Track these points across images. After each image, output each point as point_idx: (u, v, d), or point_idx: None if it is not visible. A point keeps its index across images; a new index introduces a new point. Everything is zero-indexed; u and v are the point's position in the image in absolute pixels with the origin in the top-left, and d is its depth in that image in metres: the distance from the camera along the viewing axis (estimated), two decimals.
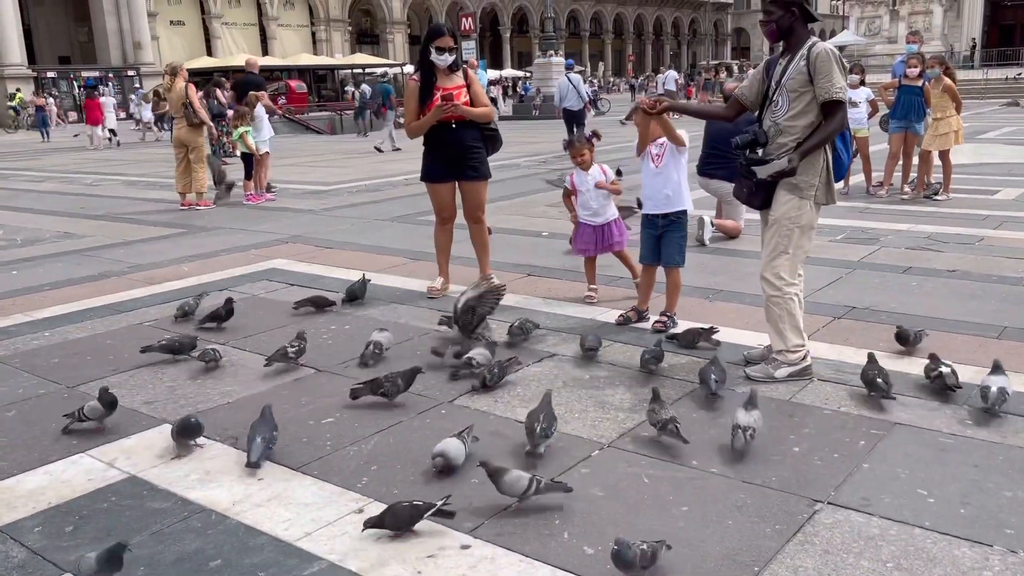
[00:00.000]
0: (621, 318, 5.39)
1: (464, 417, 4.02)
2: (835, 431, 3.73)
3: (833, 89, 4.05)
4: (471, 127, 5.97)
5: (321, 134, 30.22)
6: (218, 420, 4.06)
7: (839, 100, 4.06)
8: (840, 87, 4.06)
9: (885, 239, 7.82)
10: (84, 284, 7.01)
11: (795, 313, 4.28)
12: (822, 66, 4.04)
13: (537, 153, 17.46)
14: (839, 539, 2.88)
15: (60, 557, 2.90)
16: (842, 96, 4.07)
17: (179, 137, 11.20)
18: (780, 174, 4.12)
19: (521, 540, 2.94)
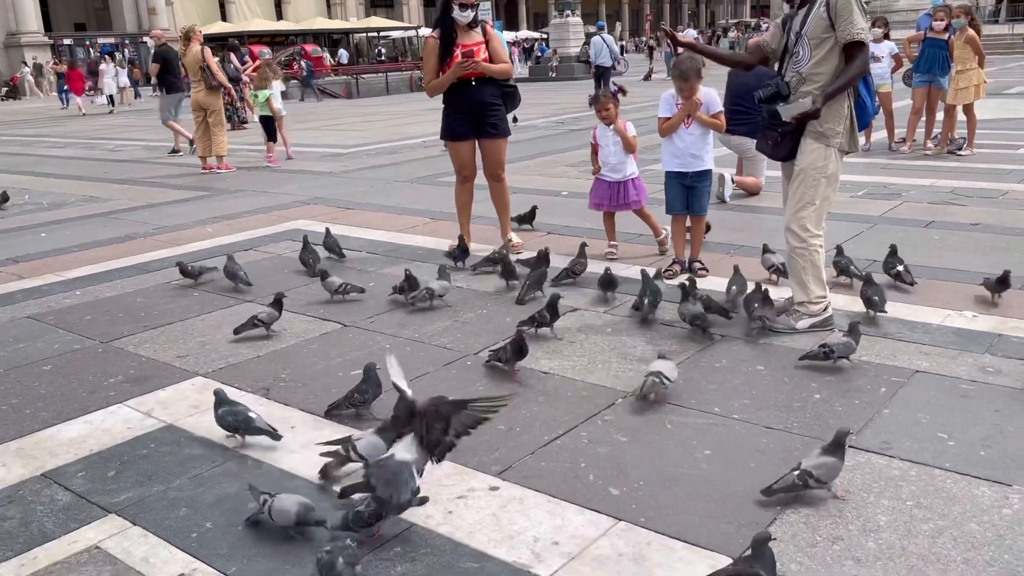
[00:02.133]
0: (669, 273, 5.38)
1: (488, 368, 4.09)
2: (856, 379, 3.78)
3: (855, 30, 4.03)
4: (490, 84, 5.96)
5: (337, 98, 30.13)
6: (249, 373, 4.16)
7: (861, 41, 4.05)
8: (862, 28, 4.04)
9: (907, 194, 7.77)
10: (111, 245, 7.13)
11: (819, 264, 4.30)
12: (843, 9, 4.02)
13: (555, 114, 17.35)
14: (860, 480, 2.94)
15: (104, 499, 3.02)
16: (864, 37, 4.06)
17: (197, 100, 11.23)
18: (804, 116, 4.11)
19: (548, 482, 3.02)
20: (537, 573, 2.51)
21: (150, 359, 4.40)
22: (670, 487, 2.96)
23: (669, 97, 5.50)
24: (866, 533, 2.63)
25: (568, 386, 3.86)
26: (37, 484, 3.15)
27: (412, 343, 4.49)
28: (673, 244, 5.75)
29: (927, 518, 2.69)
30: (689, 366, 4.01)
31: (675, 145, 5.47)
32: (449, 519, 2.81)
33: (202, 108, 11.22)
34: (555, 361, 4.15)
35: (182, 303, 5.36)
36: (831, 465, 2.81)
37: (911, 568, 2.45)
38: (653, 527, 2.71)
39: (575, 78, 29.51)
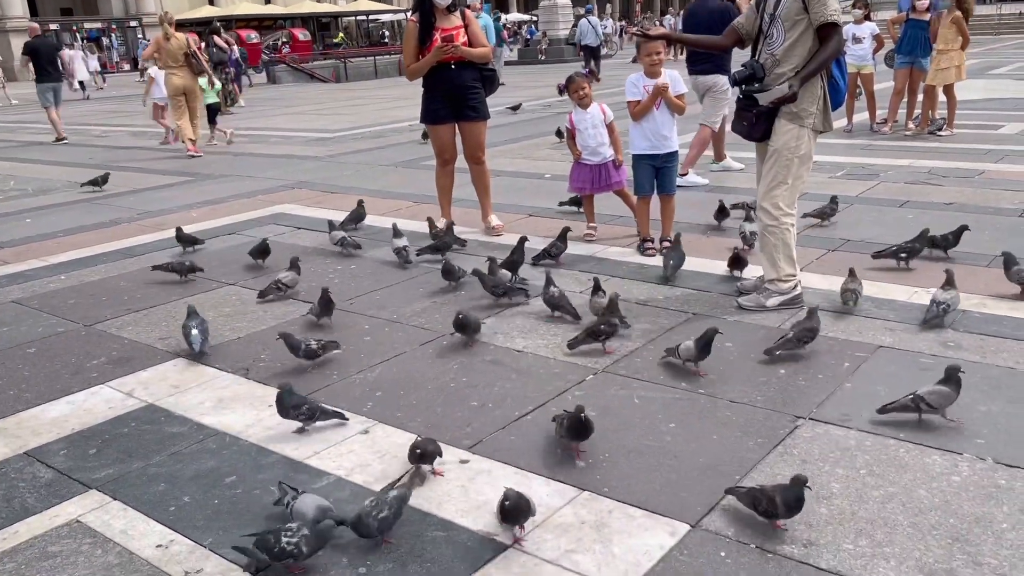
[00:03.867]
0: (652, 251, 5.52)
1: (463, 347, 4.18)
2: (821, 355, 3.88)
3: (827, 12, 4.10)
4: (470, 68, 6.02)
5: (326, 82, 30.03)
6: (230, 353, 4.24)
7: (834, 23, 4.12)
8: (834, 10, 4.12)
9: (885, 174, 7.86)
10: (96, 230, 7.18)
11: (789, 243, 4.39)
12: None
13: (541, 97, 17.37)
14: (817, 450, 3.04)
15: (85, 476, 3.10)
16: (836, 19, 4.13)
17: (182, 85, 11.32)
18: (781, 100, 4.19)
19: (516, 455, 3.11)
20: (502, 540, 2.60)
21: (132, 341, 4.48)
22: (634, 459, 3.05)
23: (636, 79, 5.56)
24: (819, 500, 2.73)
25: (541, 364, 3.95)
26: (20, 462, 3.23)
27: (390, 323, 4.58)
28: (640, 224, 5.83)
29: (878, 485, 2.80)
30: (660, 343, 4.10)
31: (645, 127, 5.54)
32: (419, 491, 2.90)
33: (184, 92, 11.34)
34: (529, 340, 4.24)
35: (165, 287, 5.43)
36: (944, 394, 3.14)
37: (859, 531, 2.56)
38: (615, 496, 2.81)
39: (564, 60, 29.50)
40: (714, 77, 7.82)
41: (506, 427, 3.34)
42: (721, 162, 8.52)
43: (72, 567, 2.57)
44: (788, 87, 4.20)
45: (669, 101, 5.44)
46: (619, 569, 2.44)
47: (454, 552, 2.56)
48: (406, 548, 2.59)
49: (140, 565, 2.57)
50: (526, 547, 2.56)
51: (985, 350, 3.83)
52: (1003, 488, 2.74)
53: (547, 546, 2.57)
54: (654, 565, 2.46)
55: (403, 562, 2.53)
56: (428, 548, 2.59)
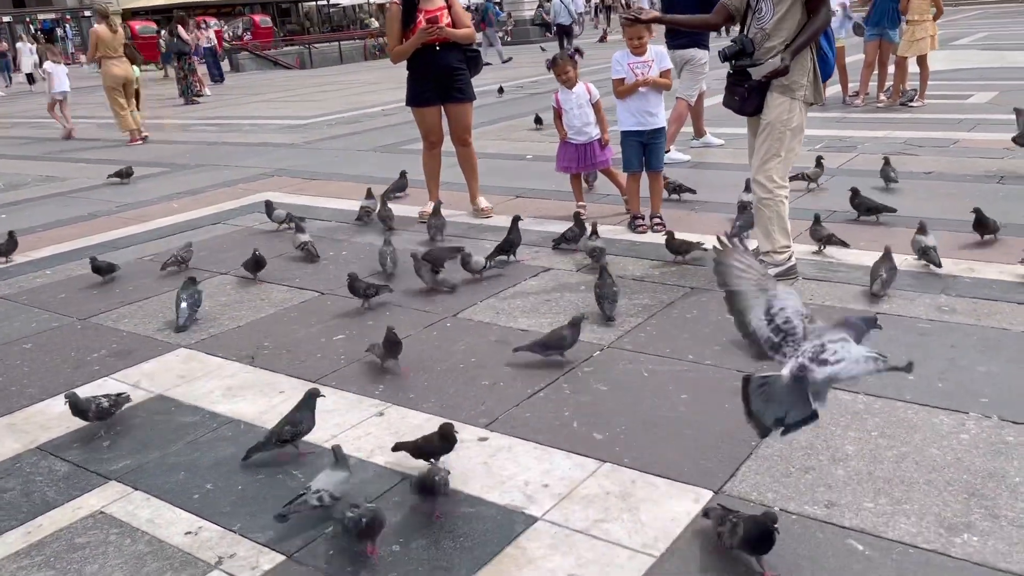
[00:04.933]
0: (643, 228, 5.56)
1: (468, 328, 4.21)
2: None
3: None
4: (454, 49, 6.00)
5: (290, 69, 29.64)
6: (232, 342, 4.22)
7: None
8: None
9: (863, 146, 7.98)
10: (76, 224, 7.06)
11: (784, 215, 4.46)
12: None
13: (514, 79, 17.32)
14: (828, 415, 3.11)
15: (102, 468, 3.08)
16: None
17: (122, 75, 11.62)
18: (774, 73, 4.24)
19: (534, 431, 3.15)
20: (531, 513, 2.64)
21: (131, 333, 4.44)
22: (650, 430, 3.11)
23: (621, 57, 5.58)
24: (835, 462, 2.81)
25: None
26: (33, 457, 3.20)
27: (391, 307, 4.58)
28: (630, 201, 5.88)
29: (891, 446, 2.88)
30: (661, 317, 4.16)
31: (631, 104, 5.57)
32: None
33: (125, 83, 11.72)
34: (533, 319, 4.27)
35: (157, 278, 5.36)
36: None
37: (878, 491, 2.63)
38: (637, 466, 2.86)
39: (530, 41, 29.41)
40: (692, 51, 7.85)
41: (520, 404, 3.37)
42: (701, 138, 8.59)
43: (103, 557, 2.57)
44: (780, 60, 4.25)
45: (655, 84, 5.47)
46: (649, 536, 2.50)
47: (485, 526, 2.60)
48: (437, 525, 2.62)
49: (172, 552, 2.57)
50: (555, 518, 2.61)
51: (979, 313, 3.93)
52: (1011, 444, 2.83)
53: (575, 517, 2.61)
54: (683, 531, 2.51)
55: (436, 538, 2.56)
56: (459, 524, 2.62)
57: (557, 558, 2.43)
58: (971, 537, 2.38)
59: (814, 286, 4.44)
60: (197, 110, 16.70)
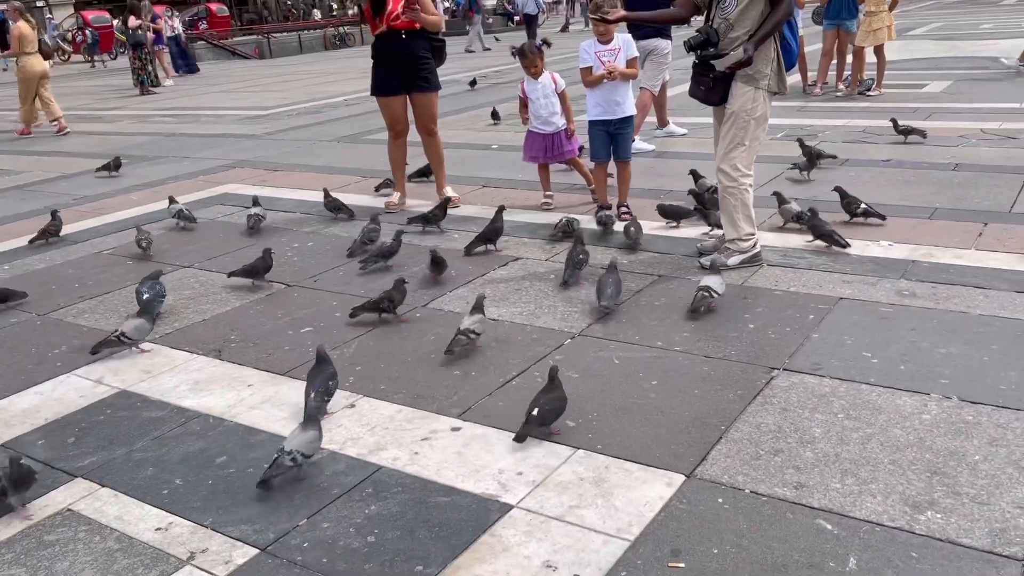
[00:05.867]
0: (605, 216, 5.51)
1: (438, 319, 4.20)
2: (786, 308, 4.02)
3: None
4: (421, 38, 5.96)
5: (248, 59, 29.21)
6: (198, 336, 4.17)
7: None
8: None
9: (823, 134, 8.10)
10: (33, 218, 6.88)
11: (748, 203, 4.52)
12: None
13: (476, 68, 17.26)
14: (795, 398, 3.17)
15: (68, 465, 3.03)
16: None
17: (42, 70, 11.94)
18: (738, 64, 4.28)
19: (507, 420, 3.16)
20: (506, 501, 2.65)
21: (92, 328, 4.35)
22: (622, 416, 3.14)
23: (588, 46, 5.59)
24: (803, 444, 2.86)
25: (518, 331, 3.99)
26: None
27: (360, 299, 4.52)
28: (597, 191, 5.90)
29: (856, 427, 2.94)
30: (631, 305, 4.19)
31: (598, 93, 5.59)
32: (416, 459, 2.93)
33: (41, 77, 12.01)
34: (503, 308, 4.27)
35: (117, 272, 5.28)
36: None
37: (844, 471, 2.69)
38: (609, 452, 2.89)
39: (492, 31, 29.29)
40: (655, 41, 7.89)
41: (492, 393, 3.38)
42: (665, 128, 8.65)
43: (72, 554, 2.52)
44: (743, 51, 4.30)
45: (622, 75, 5.49)
46: (623, 520, 2.52)
47: (460, 515, 2.60)
48: (411, 515, 2.62)
49: (142, 549, 2.54)
50: (530, 506, 2.62)
51: (938, 297, 4.02)
52: (971, 424, 2.91)
53: (550, 504, 2.63)
54: (656, 515, 2.54)
55: (411, 528, 2.56)
56: (434, 513, 2.62)
57: (532, 545, 2.44)
58: (934, 514, 2.45)
59: (778, 272, 4.50)
60: (154, 100, 16.37)
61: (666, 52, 7.91)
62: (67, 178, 8.67)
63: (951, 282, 4.19)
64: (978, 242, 4.75)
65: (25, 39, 11.89)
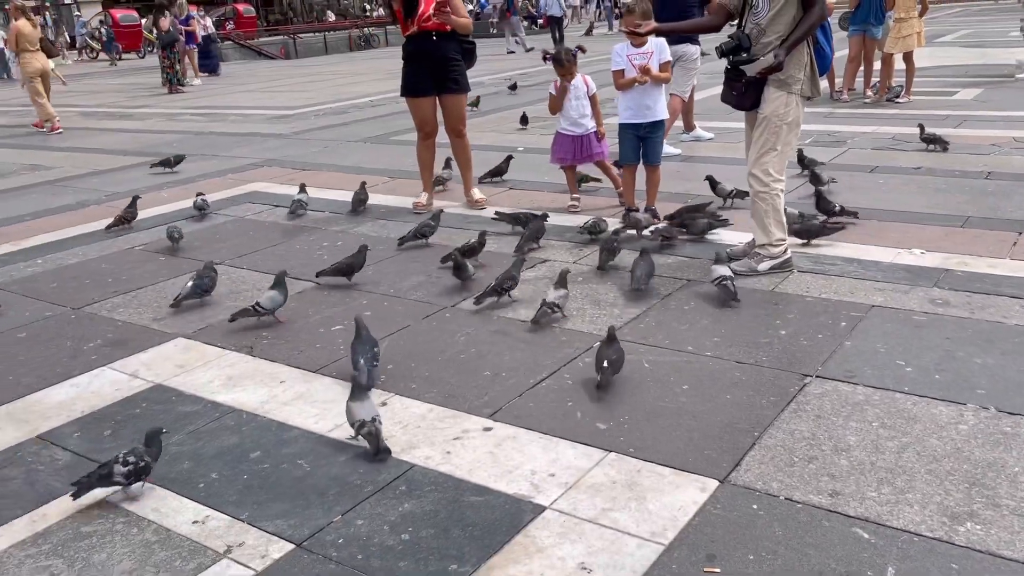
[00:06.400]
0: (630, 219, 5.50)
1: (466, 319, 4.21)
2: (818, 315, 4.00)
3: None
4: (451, 39, 5.98)
5: (274, 59, 29.45)
6: (230, 332, 4.20)
7: None
8: None
9: (852, 141, 8.05)
10: (65, 213, 7.00)
11: (779, 208, 4.50)
12: None
13: (501, 71, 17.29)
14: (828, 406, 3.16)
15: (105, 457, 3.04)
16: None
17: (40, 67, 12.19)
18: (768, 69, 4.27)
19: (538, 421, 3.16)
20: (539, 502, 2.66)
21: (126, 323, 4.41)
22: (654, 420, 3.13)
23: (621, 49, 5.58)
24: (838, 452, 2.84)
25: (547, 333, 4.00)
26: (34, 446, 3.18)
27: (388, 298, 4.58)
28: (624, 194, 5.90)
29: (892, 436, 2.92)
30: (660, 309, 4.19)
31: (629, 97, 5.60)
32: (448, 459, 2.94)
33: (45, 74, 12.33)
34: (532, 310, 4.26)
35: (149, 268, 5.34)
36: None
37: (881, 480, 2.67)
38: (642, 456, 2.89)
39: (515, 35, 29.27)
40: (684, 46, 7.87)
41: (522, 395, 3.39)
42: (691, 132, 8.63)
43: (110, 546, 2.56)
44: (773, 56, 4.28)
45: (655, 78, 5.49)
46: (658, 524, 2.52)
47: (493, 515, 2.61)
48: (445, 514, 2.63)
49: (180, 541, 2.56)
50: (563, 507, 2.63)
51: (972, 306, 3.98)
52: (1009, 435, 2.88)
53: (583, 506, 2.63)
54: (691, 519, 2.53)
55: (445, 527, 2.57)
56: (467, 512, 2.63)
57: (567, 546, 2.45)
58: (974, 526, 2.42)
59: (809, 278, 4.48)
60: (182, 99, 16.55)
61: (695, 58, 7.89)
62: (98, 174, 8.78)
63: (986, 291, 4.14)
64: (1012, 251, 4.70)
65: (24, 36, 12.12)
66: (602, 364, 3.37)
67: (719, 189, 5.95)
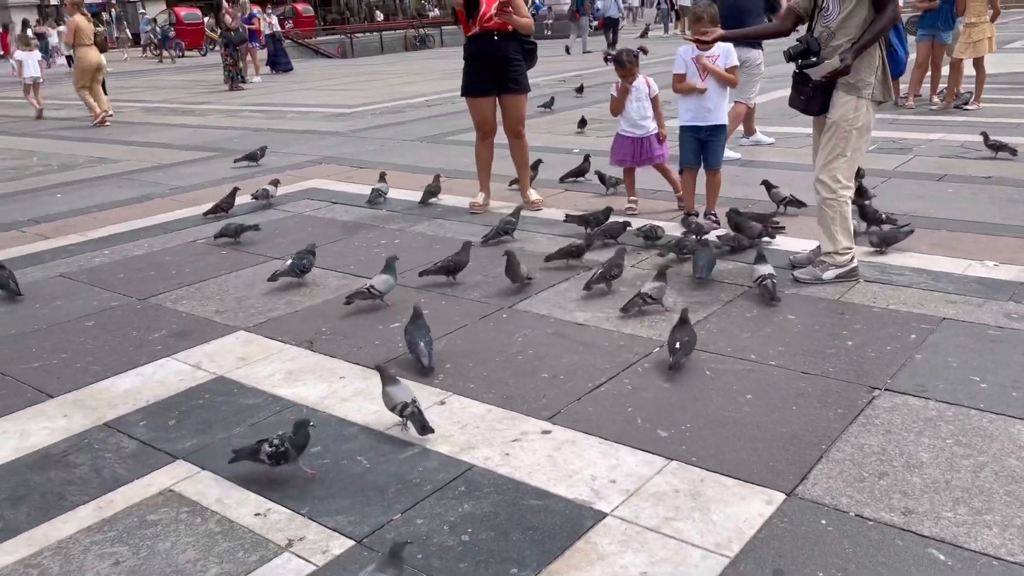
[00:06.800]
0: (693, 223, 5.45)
1: (524, 320, 4.19)
2: (886, 327, 3.88)
3: None
4: (512, 39, 5.97)
5: (331, 58, 29.82)
6: (290, 327, 4.24)
7: None
8: None
9: (918, 148, 7.84)
10: (130, 206, 7.16)
11: (847, 216, 4.39)
12: None
13: (555, 72, 17.25)
14: (899, 420, 3.06)
15: (169, 446, 3.11)
16: None
17: (96, 61, 12.62)
18: (835, 73, 4.17)
19: (598, 426, 3.12)
20: (600, 509, 2.62)
21: (189, 315, 4.48)
22: (716, 429, 3.07)
23: (686, 52, 5.51)
24: (910, 469, 2.75)
25: (604, 336, 3.96)
26: (101, 433, 3.25)
27: (445, 297, 4.58)
28: (684, 197, 5.83)
29: (967, 455, 2.81)
30: (721, 315, 4.11)
31: (691, 99, 5.52)
32: (507, 460, 2.92)
33: (99, 68, 12.72)
34: (589, 313, 4.24)
35: (211, 261, 5.43)
36: None
37: (956, 500, 2.57)
38: (705, 465, 2.83)
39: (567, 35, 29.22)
40: (746, 51, 7.73)
41: (581, 399, 3.35)
42: (752, 136, 8.48)
43: (175, 535, 2.59)
44: (839, 60, 4.18)
45: (717, 74, 5.40)
46: (722, 536, 2.46)
47: (554, 520, 2.58)
48: (505, 516, 2.61)
49: (243, 533, 2.59)
50: (625, 515, 2.58)
51: None
52: None
53: (645, 514, 2.59)
54: (756, 532, 2.47)
55: (505, 529, 2.55)
56: (527, 516, 2.61)
57: (629, 555, 2.41)
58: None
59: (876, 288, 4.36)
60: (242, 96, 16.84)
61: (758, 63, 7.74)
62: (162, 168, 8.97)
63: None
64: None
65: (81, 32, 12.55)
66: (675, 346, 3.53)
67: (773, 193, 5.85)
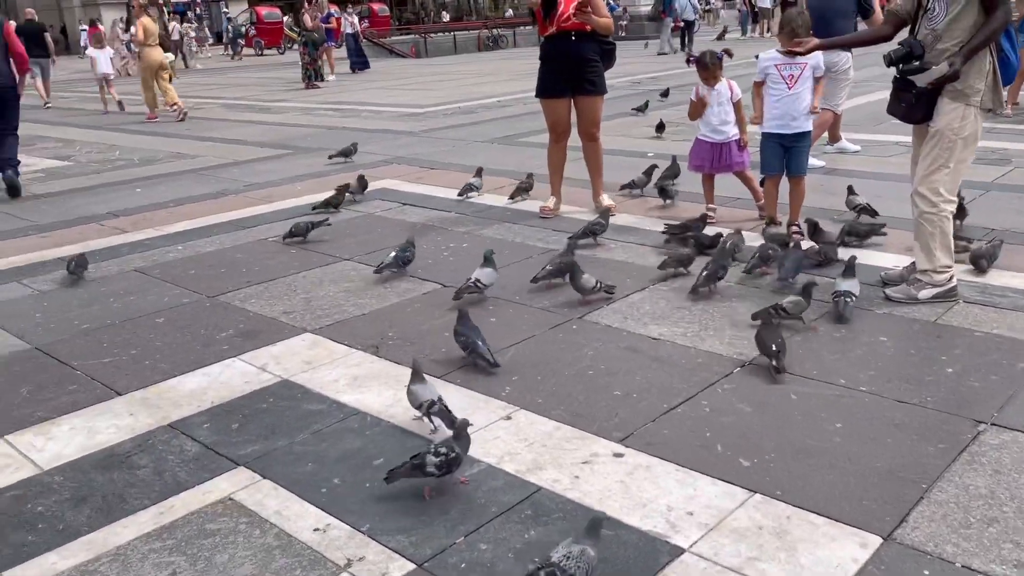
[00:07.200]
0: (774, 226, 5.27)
1: (595, 332, 4.02)
2: (990, 353, 3.59)
3: None
4: (590, 40, 5.80)
5: (405, 57, 30.09)
6: (356, 331, 4.17)
7: None
8: None
9: (1018, 160, 7.38)
10: (205, 201, 7.24)
11: (947, 232, 4.09)
12: None
13: (629, 74, 16.97)
14: (1008, 459, 2.79)
15: (231, 452, 3.05)
16: None
17: (159, 60, 13.20)
18: (942, 79, 3.88)
19: (673, 451, 2.94)
20: (676, 543, 2.44)
21: (257, 314, 4.45)
22: (803, 460, 2.85)
23: (767, 60, 5.22)
24: (1022, 515, 2.49)
25: (681, 353, 3.76)
26: (165, 434, 3.21)
27: (514, 305, 4.44)
28: (766, 205, 5.57)
29: None
30: (808, 336, 3.87)
31: (775, 105, 5.25)
32: (576, 484, 2.77)
33: (163, 66, 13.27)
34: (664, 327, 4.05)
35: (281, 260, 5.41)
36: None
37: None
38: (791, 500, 2.62)
39: (645, 37, 28.84)
40: (834, 54, 7.39)
41: (656, 420, 3.17)
42: (836, 144, 8.12)
43: (233, 547, 2.51)
44: (948, 65, 3.89)
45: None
46: None
47: (627, 553, 2.42)
48: None
49: (301, 549, 2.49)
50: (703, 551, 2.40)
51: None
52: None
53: (726, 552, 2.40)
54: None
55: None
56: (600, 546, 2.44)
57: None
58: None
59: (977, 311, 4.05)
60: (318, 94, 17.06)
61: (847, 68, 7.40)
62: (238, 164, 9.09)
63: None
64: None
65: (148, 32, 13.16)
66: (771, 348, 3.44)
67: (848, 200, 5.57)
